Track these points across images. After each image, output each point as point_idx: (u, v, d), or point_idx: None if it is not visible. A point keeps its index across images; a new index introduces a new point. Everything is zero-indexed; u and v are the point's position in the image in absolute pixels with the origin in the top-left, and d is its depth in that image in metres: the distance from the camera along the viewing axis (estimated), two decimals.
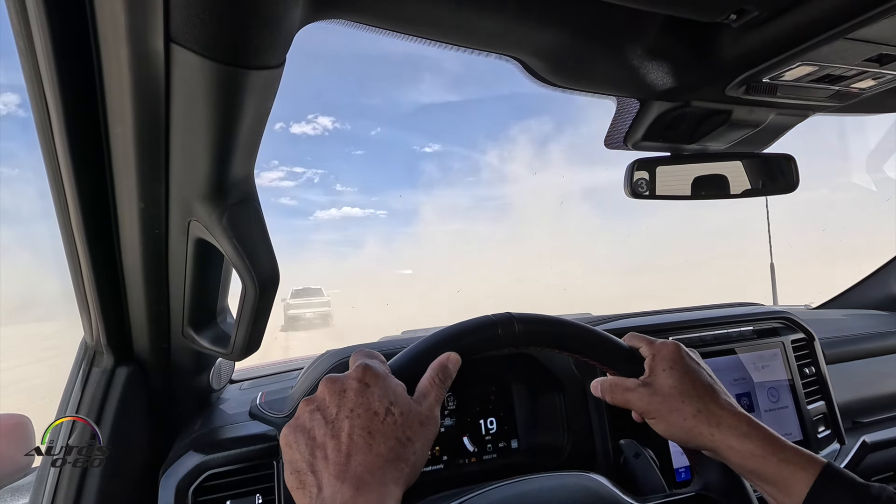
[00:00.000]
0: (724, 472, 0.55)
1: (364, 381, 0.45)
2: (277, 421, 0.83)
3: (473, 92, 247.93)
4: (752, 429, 0.51)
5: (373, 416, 0.43)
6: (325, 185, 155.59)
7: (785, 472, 0.48)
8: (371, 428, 0.42)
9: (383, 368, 0.48)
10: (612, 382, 0.57)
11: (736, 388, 1.00)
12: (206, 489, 0.74)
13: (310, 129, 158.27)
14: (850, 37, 0.51)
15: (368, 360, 0.48)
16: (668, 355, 0.56)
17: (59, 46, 0.44)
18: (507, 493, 0.55)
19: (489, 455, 0.93)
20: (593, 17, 0.54)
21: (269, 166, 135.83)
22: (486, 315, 0.56)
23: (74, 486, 0.69)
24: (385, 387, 0.45)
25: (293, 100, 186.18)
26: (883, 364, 1.27)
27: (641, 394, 0.54)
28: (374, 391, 0.44)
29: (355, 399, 0.43)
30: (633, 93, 0.70)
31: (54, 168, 0.55)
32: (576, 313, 1.43)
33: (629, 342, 0.60)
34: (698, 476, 0.58)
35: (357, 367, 0.46)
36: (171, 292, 0.68)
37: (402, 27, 0.50)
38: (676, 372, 0.54)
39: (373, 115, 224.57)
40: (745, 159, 0.91)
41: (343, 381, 0.45)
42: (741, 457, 0.50)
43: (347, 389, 0.44)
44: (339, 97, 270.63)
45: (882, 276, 1.66)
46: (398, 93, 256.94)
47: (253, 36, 0.40)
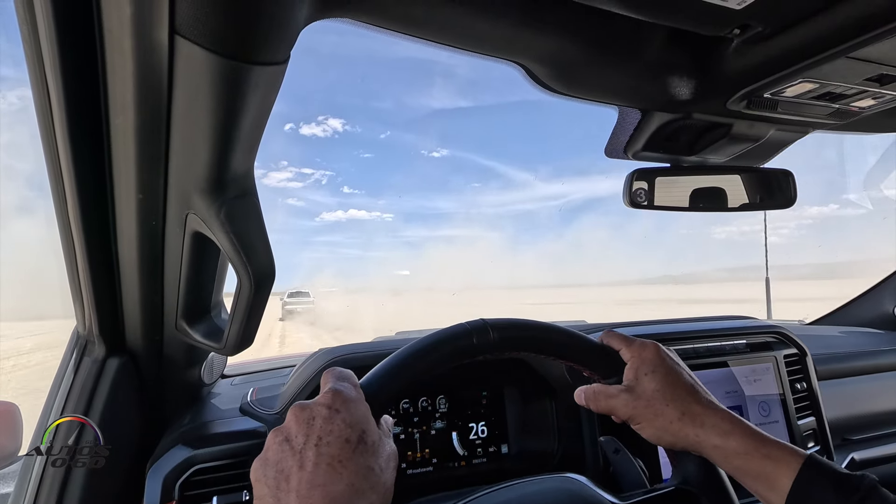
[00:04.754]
0: (701, 466, 0.56)
1: (334, 407, 0.43)
2: (268, 418, 0.82)
3: (485, 98, 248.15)
4: (733, 426, 0.51)
5: (343, 444, 0.41)
6: (332, 186, 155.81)
7: (768, 466, 0.48)
8: (342, 457, 0.40)
9: (354, 393, 0.45)
10: (594, 390, 0.57)
11: (727, 401, 1.00)
12: (193, 483, 0.73)
13: (320, 130, 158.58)
14: (851, 56, 0.51)
15: (339, 383, 0.46)
16: (650, 358, 0.56)
17: (62, 36, 0.44)
18: (489, 501, 0.54)
19: (479, 459, 0.93)
20: (598, 27, 0.54)
21: (277, 167, 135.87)
22: (461, 323, 0.55)
23: (60, 476, 0.68)
24: (355, 413, 0.43)
25: (304, 101, 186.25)
26: (874, 382, 1.27)
27: (625, 399, 0.54)
28: (344, 418, 0.42)
29: (324, 427, 0.42)
30: (635, 103, 0.70)
31: (53, 156, 0.54)
32: (571, 320, 1.43)
33: (606, 340, 0.60)
34: (677, 470, 0.59)
35: (327, 392, 0.45)
36: (165, 284, 0.68)
37: (407, 29, 0.51)
38: (659, 375, 0.54)
39: (383, 118, 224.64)
40: (743, 173, 0.92)
41: (312, 408, 0.43)
42: (725, 454, 0.50)
43: (316, 417, 0.42)
44: (349, 99, 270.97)
45: (876, 294, 1.67)
46: (409, 97, 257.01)
47: (258, 31, 0.40)
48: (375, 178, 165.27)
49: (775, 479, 0.48)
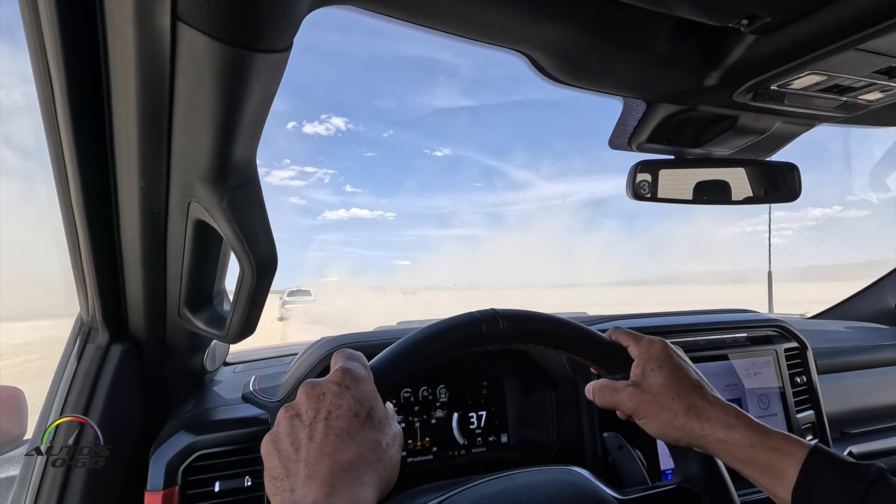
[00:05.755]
0: (704, 464, 0.56)
1: (343, 384, 0.44)
2: (270, 405, 0.83)
3: (489, 97, 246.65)
4: (737, 419, 0.51)
5: (352, 419, 0.42)
6: (334, 185, 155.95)
7: (774, 458, 0.48)
8: (350, 429, 0.42)
9: (364, 372, 0.47)
10: (601, 384, 0.57)
11: (727, 394, 1.00)
12: (195, 469, 0.74)
13: (322, 129, 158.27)
14: (860, 48, 0.51)
15: (349, 362, 0.47)
16: (657, 354, 0.56)
17: (64, 22, 0.44)
18: (489, 489, 0.55)
19: (479, 448, 0.94)
20: (604, 16, 0.53)
21: (280, 165, 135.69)
22: (470, 312, 0.55)
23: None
24: (365, 390, 0.45)
25: (307, 99, 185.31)
26: (874, 376, 1.28)
27: (631, 394, 0.54)
28: (353, 394, 0.44)
29: (333, 402, 0.43)
30: (640, 94, 0.70)
31: (56, 143, 0.54)
32: (572, 313, 1.43)
33: (613, 336, 0.60)
34: (679, 468, 0.59)
35: (337, 370, 0.46)
36: (168, 272, 0.68)
37: (412, 16, 0.50)
38: (665, 370, 0.54)
39: (386, 116, 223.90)
40: (748, 166, 0.91)
41: (322, 385, 0.44)
42: (730, 448, 0.50)
43: (326, 393, 0.44)
44: (352, 98, 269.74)
45: (878, 289, 1.67)
46: (412, 96, 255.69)
47: (261, 18, 0.39)
48: (378, 177, 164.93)
49: (781, 471, 0.48)
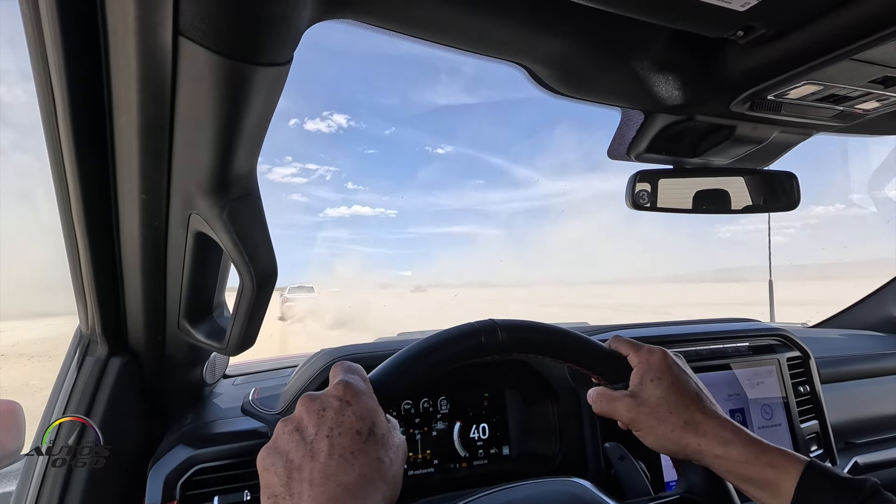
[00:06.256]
0: (707, 475, 0.55)
1: (345, 399, 0.43)
2: (269, 418, 0.82)
3: (490, 95, 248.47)
4: (734, 434, 0.51)
5: (355, 436, 0.41)
6: (336, 182, 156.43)
7: (770, 474, 0.48)
8: (353, 448, 0.41)
9: (364, 385, 0.46)
10: (599, 392, 0.57)
11: (729, 404, 1.00)
12: (194, 483, 0.73)
13: (324, 126, 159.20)
14: (855, 58, 0.51)
15: (349, 375, 0.46)
16: (656, 364, 0.55)
17: (66, 36, 0.44)
18: (491, 502, 0.54)
19: (480, 461, 0.93)
20: (601, 28, 0.54)
21: (282, 162, 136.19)
22: (469, 323, 0.55)
23: (62, 475, 0.68)
24: (366, 405, 0.44)
25: (309, 96, 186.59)
26: (878, 385, 1.27)
27: (628, 404, 0.54)
28: (355, 410, 0.43)
29: (335, 418, 0.42)
30: (638, 105, 0.70)
31: (57, 155, 0.55)
32: (573, 323, 1.43)
33: (613, 345, 0.60)
34: (682, 479, 0.58)
35: (337, 384, 0.45)
36: (168, 284, 0.68)
37: (410, 30, 0.51)
38: (665, 382, 0.54)
39: (387, 114, 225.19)
40: (747, 175, 0.91)
41: (322, 399, 0.43)
42: (727, 464, 0.50)
43: (327, 408, 0.42)
44: (354, 95, 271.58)
45: (880, 298, 1.66)
46: (414, 93, 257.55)
47: (261, 32, 0.40)
48: (379, 174, 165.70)
49: (777, 487, 0.48)
